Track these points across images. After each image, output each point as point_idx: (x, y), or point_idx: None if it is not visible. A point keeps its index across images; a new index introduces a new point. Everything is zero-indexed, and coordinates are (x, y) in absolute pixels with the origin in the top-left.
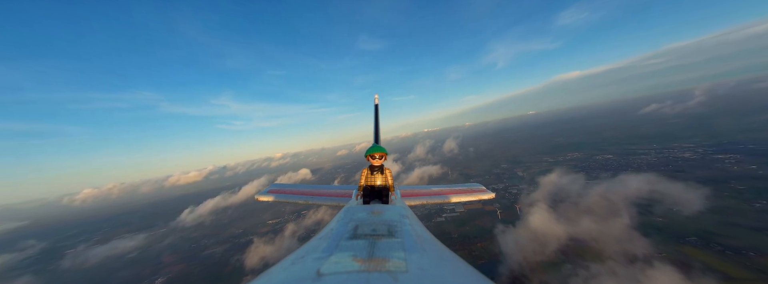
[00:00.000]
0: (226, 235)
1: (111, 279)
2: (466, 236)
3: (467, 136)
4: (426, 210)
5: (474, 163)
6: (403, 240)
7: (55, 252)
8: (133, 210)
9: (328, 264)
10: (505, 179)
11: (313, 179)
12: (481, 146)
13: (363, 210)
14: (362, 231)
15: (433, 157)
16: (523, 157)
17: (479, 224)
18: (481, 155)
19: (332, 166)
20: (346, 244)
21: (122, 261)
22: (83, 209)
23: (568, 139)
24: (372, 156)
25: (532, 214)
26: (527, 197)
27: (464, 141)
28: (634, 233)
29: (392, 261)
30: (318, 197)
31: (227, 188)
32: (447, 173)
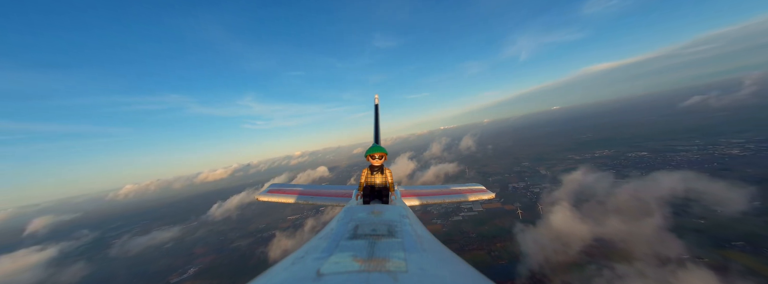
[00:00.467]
0: (251, 229)
1: (151, 267)
2: (485, 235)
3: (486, 133)
4: (442, 209)
5: (493, 161)
6: (403, 240)
7: (104, 242)
8: (169, 205)
9: (328, 264)
10: (527, 178)
11: (331, 177)
12: (500, 143)
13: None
14: (362, 231)
15: (450, 155)
16: (547, 154)
17: (498, 223)
18: (501, 153)
19: (348, 164)
20: (346, 244)
21: (160, 250)
22: (125, 203)
23: (596, 135)
24: (372, 156)
25: (555, 213)
26: (550, 196)
27: (482, 138)
28: (668, 234)
29: (392, 261)
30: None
31: (251, 185)
32: (464, 171)
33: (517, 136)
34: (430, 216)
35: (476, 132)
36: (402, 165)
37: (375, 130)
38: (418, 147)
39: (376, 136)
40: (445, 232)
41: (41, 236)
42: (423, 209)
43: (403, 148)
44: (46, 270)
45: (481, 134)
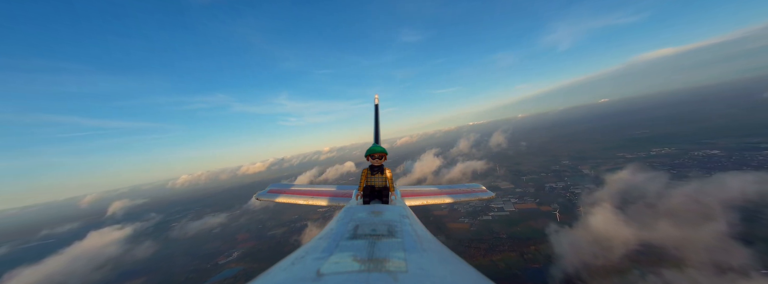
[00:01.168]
0: (285, 219)
1: (202, 249)
2: (517, 237)
3: (519, 129)
4: (470, 208)
5: (527, 158)
6: (403, 240)
7: (166, 224)
8: (216, 194)
9: (328, 264)
10: (567, 178)
11: (357, 172)
12: (536, 139)
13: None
14: (362, 231)
15: (478, 152)
16: (592, 152)
17: (533, 225)
18: (537, 150)
19: None
20: (346, 244)
21: (210, 234)
22: (182, 191)
23: (654, 130)
24: (372, 156)
25: (597, 215)
26: (592, 196)
27: (515, 134)
28: (733, 242)
29: (392, 261)
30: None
31: (285, 178)
32: (493, 168)
33: (556, 132)
34: (457, 214)
35: (507, 128)
36: (427, 162)
37: (375, 130)
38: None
39: (376, 136)
40: (473, 232)
41: (119, 217)
42: (449, 207)
43: (429, 144)
44: (123, 246)
45: (513, 129)
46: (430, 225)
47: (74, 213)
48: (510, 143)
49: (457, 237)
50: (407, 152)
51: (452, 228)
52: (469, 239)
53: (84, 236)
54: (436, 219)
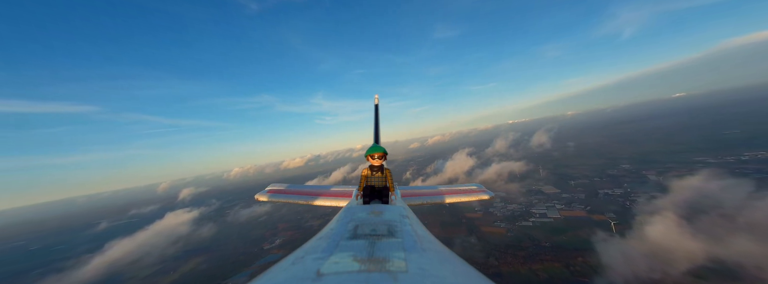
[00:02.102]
0: (320, 212)
1: (251, 234)
2: (563, 246)
3: (566, 127)
4: (508, 212)
5: (576, 161)
6: (403, 240)
7: (223, 210)
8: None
9: (328, 264)
10: (627, 184)
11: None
12: (587, 139)
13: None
14: (362, 231)
15: (517, 152)
16: (660, 155)
17: (581, 234)
18: (588, 151)
19: (404, 158)
20: (346, 244)
21: (256, 222)
22: (235, 182)
23: (749, 130)
24: (372, 156)
25: (657, 224)
26: (654, 204)
27: (561, 134)
28: None
29: (392, 261)
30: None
31: (321, 173)
32: (534, 171)
33: (615, 131)
34: (492, 218)
35: (552, 127)
36: (460, 161)
37: (375, 130)
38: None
39: (376, 136)
40: (510, 237)
41: (188, 201)
42: (484, 210)
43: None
44: (191, 227)
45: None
46: (462, 227)
47: (154, 197)
48: (555, 143)
49: (491, 241)
50: (439, 151)
51: (486, 231)
52: (505, 244)
53: (162, 216)
54: (468, 221)
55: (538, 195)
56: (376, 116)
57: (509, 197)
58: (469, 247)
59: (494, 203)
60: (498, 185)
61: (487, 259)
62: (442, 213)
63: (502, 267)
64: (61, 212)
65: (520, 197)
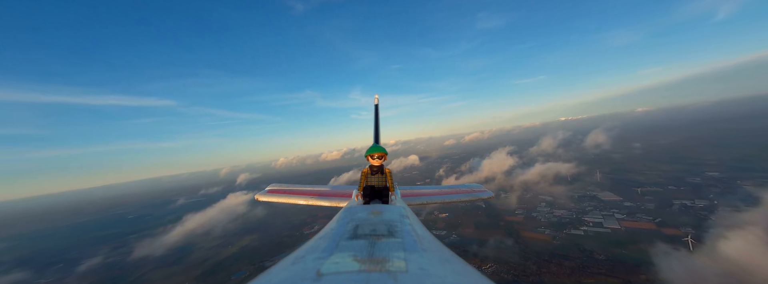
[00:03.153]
0: None
1: (294, 219)
2: (621, 260)
3: (632, 126)
4: (554, 218)
5: (643, 165)
6: (403, 240)
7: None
8: (304, 175)
9: (328, 264)
10: (713, 195)
11: (421, 166)
12: (659, 140)
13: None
14: (362, 231)
15: (567, 152)
16: (765, 163)
17: (646, 249)
18: (660, 155)
19: (439, 155)
20: (346, 244)
21: (299, 208)
22: (280, 171)
23: None
24: (372, 156)
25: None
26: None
27: (624, 133)
28: None
29: (392, 261)
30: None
31: (356, 166)
32: (587, 173)
33: (701, 131)
34: (536, 223)
35: (613, 125)
36: (498, 160)
37: (375, 130)
38: (523, 141)
39: (376, 136)
40: (556, 246)
41: (243, 186)
42: (526, 213)
43: (503, 141)
44: (247, 208)
45: (622, 127)
46: (499, 230)
47: (217, 180)
48: (616, 143)
49: (533, 247)
50: (476, 149)
51: (527, 237)
52: (549, 252)
53: (225, 197)
54: (507, 224)
55: (593, 202)
56: (376, 116)
57: (556, 202)
58: (505, 248)
59: (538, 208)
60: (541, 187)
61: (524, 262)
62: (477, 214)
63: (544, 276)
64: (150, 188)
65: (569, 203)
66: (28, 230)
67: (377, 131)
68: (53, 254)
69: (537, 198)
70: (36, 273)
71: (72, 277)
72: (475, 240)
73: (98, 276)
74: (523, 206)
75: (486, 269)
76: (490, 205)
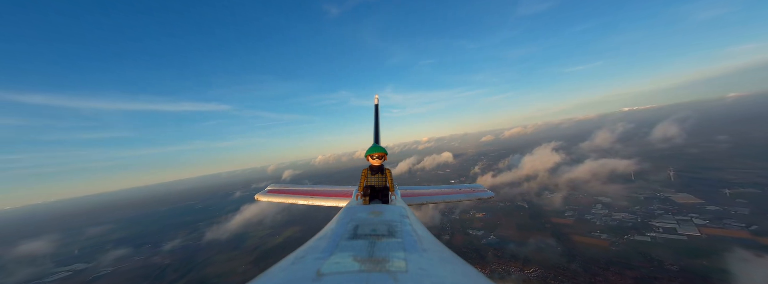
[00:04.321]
0: None
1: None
2: (699, 273)
3: (716, 116)
4: (614, 222)
5: (732, 161)
6: (403, 240)
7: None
8: (339, 172)
9: (328, 264)
10: None
11: (455, 163)
12: (754, 132)
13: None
14: (362, 231)
15: (627, 147)
16: None
17: (735, 260)
18: (758, 148)
19: (476, 152)
20: (346, 244)
21: None
22: (319, 168)
23: None
24: (372, 156)
25: None
26: None
27: (704, 124)
28: None
29: (392, 261)
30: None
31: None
32: (652, 171)
33: None
34: (589, 226)
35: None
36: (542, 157)
37: (375, 130)
38: (573, 136)
39: (376, 136)
40: (614, 252)
41: (288, 181)
42: (578, 216)
43: (549, 136)
44: None
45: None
46: (545, 232)
47: (266, 176)
48: (693, 136)
49: (585, 253)
50: (517, 145)
51: (579, 241)
52: (605, 260)
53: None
54: (554, 227)
55: (664, 204)
56: (376, 116)
57: (615, 204)
58: (551, 252)
59: (592, 209)
60: (591, 186)
61: (575, 268)
62: (518, 215)
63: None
64: (212, 183)
65: (632, 205)
66: (124, 216)
67: (377, 131)
68: (144, 236)
69: (591, 199)
70: (133, 250)
71: (159, 255)
72: (516, 241)
73: (178, 256)
74: (573, 207)
75: (529, 273)
76: (533, 205)
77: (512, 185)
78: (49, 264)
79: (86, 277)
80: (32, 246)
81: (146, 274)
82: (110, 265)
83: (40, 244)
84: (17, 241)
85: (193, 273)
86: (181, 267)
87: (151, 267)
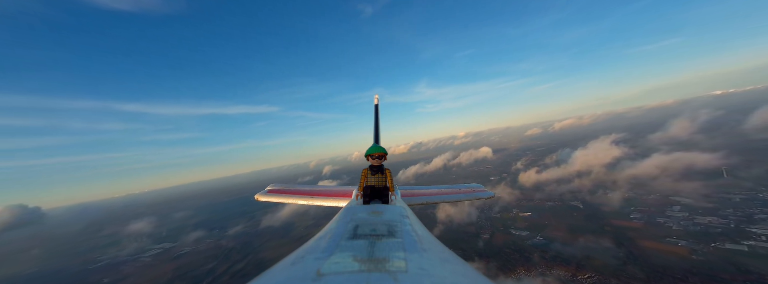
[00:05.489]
0: None
1: None
2: None
3: None
4: (698, 227)
5: None
6: (403, 240)
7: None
8: None
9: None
10: None
11: (494, 158)
12: None
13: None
14: (362, 231)
15: (711, 138)
16: None
17: None
18: None
19: (519, 147)
20: (346, 244)
21: None
22: (355, 163)
23: None
24: (372, 156)
25: None
26: None
27: None
28: None
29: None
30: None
31: (422, 160)
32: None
33: None
34: (663, 231)
35: None
36: (597, 151)
37: (375, 130)
38: (640, 126)
39: (376, 136)
40: (697, 262)
41: (328, 175)
42: (648, 219)
43: (610, 127)
44: None
45: None
46: (604, 236)
47: (308, 171)
48: None
49: (658, 262)
50: (568, 138)
51: (650, 248)
52: (684, 270)
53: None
54: (616, 230)
55: (767, 207)
56: (376, 116)
57: (698, 206)
58: (612, 258)
59: (667, 211)
60: (660, 184)
61: (633, 272)
62: (570, 215)
63: None
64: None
65: (723, 207)
66: (198, 204)
67: (377, 131)
68: (213, 222)
69: (664, 199)
70: (206, 233)
71: (225, 239)
72: (567, 244)
73: (240, 240)
74: (641, 208)
75: (584, 278)
76: (589, 205)
77: (560, 183)
78: (146, 241)
79: (172, 254)
80: (136, 226)
81: (215, 255)
82: (189, 245)
83: (141, 225)
84: (127, 222)
85: (251, 256)
86: (242, 250)
87: (219, 248)
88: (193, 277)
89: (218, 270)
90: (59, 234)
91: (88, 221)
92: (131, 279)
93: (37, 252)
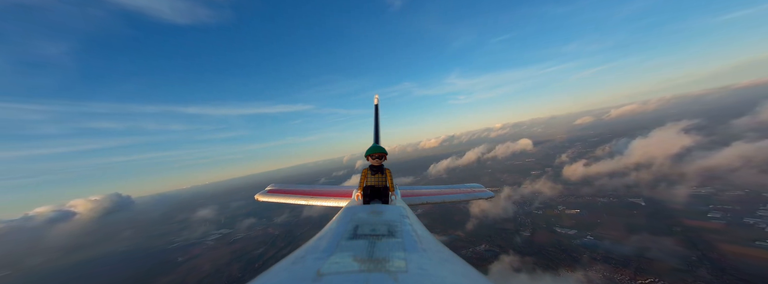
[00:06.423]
0: None
1: None
2: None
3: None
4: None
5: None
6: (403, 240)
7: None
8: (407, 161)
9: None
10: None
11: (534, 151)
12: None
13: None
14: (362, 231)
15: None
16: None
17: None
18: None
19: (566, 137)
20: (346, 244)
21: None
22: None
23: None
24: (372, 156)
25: None
26: None
27: None
28: None
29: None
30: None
31: (455, 153)
32: None
33: None
34: (753, 234)
35: None
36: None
37: (375, 130)
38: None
39: (376, 136)
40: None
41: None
42: (731, 219)
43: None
44: None
45: None
46: (675, 237)
47: (342, 165)
48: None
49: (744, 269)
50: (626, 127)
51: (733, 253)
52: None
53: (350, 177)
54: (688, 231)
55: None
56: (376, 116)
57: None
58: (685, 263)
59: (758, 210)
60: (741, 178)
61: (709, 278)
62: (628, 213)
63: None
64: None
65: None
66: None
67: (377, 131)
68: (261, 211)
69: (754, 196)
70: (257, 221)
71: (272, 227)
72: (623, 244)
73: (284, 229)
74: (722, 206)
75: (644, 283)
76: (652, 202)
77: (612, 176)
78: (210, 226)
79: (230, 239)
80: (201, 213)
81: (264, 241)
82: (243, 232)
83: (205, 212)
84: (195, 210)
85: (293, 244)
86: (287, 237)
87: (267, 235)
88: (247, 260)
89: (267, 255)
90: (144, 219)
91: (165, 208)
92: (199, 259)
93: (129, 233)
